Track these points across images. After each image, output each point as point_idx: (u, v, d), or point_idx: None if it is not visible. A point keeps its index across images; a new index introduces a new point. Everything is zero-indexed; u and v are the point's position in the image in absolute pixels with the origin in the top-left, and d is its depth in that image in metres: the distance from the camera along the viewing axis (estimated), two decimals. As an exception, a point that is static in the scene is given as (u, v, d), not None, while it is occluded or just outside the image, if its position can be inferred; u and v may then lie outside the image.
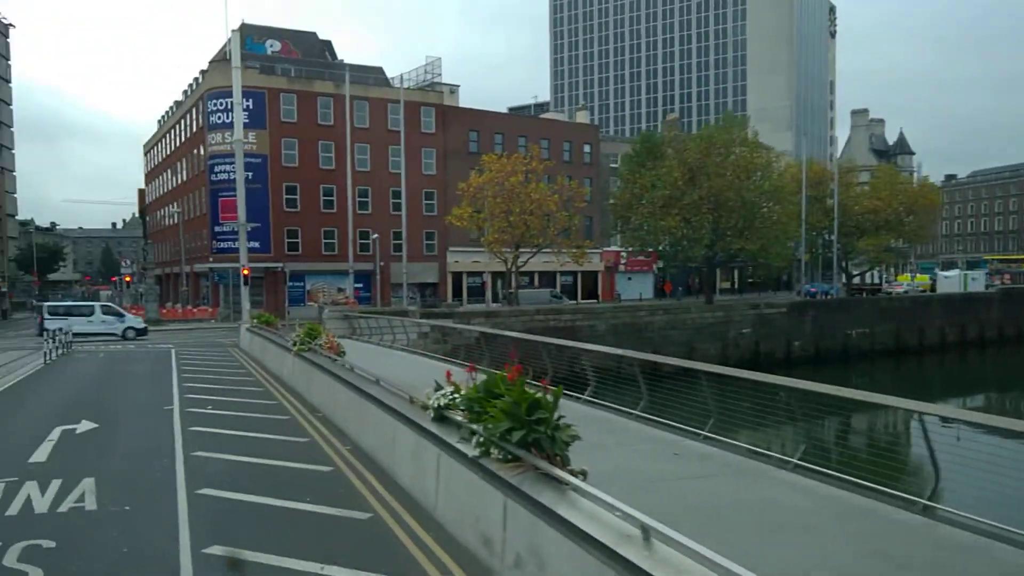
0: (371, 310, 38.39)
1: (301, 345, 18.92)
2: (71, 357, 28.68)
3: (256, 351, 27.73)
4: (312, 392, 16.87)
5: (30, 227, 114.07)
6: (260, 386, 20.07)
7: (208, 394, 18.29)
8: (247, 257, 36.29)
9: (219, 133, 57.58)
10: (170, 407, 16.38)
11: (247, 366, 25.07)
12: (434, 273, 65.63)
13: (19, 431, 14.02)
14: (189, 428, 13.88)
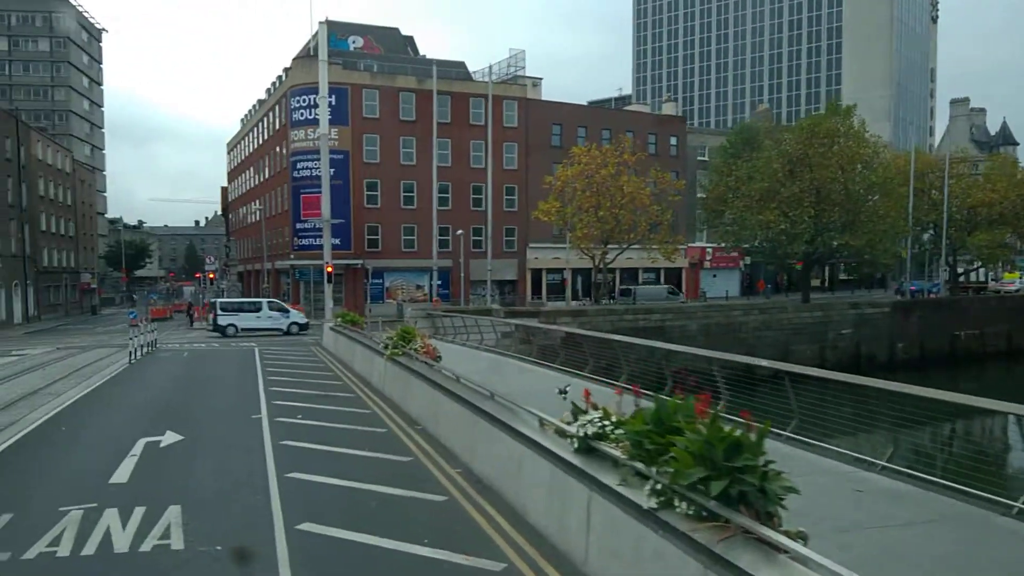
0: (454, 309, 37.08)
1: (394, 349, 17.53)
2: (155, 357, 28.14)
3: (342, 352, 26.64)
4: (409, 402, 15.43)
5: (119, 225, 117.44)
6: (350, 391, 18.80)
7: (296, 400, 17.08)
8: (332, 254, 35.24)
9: (302, 130, 57.29)
10: (258, 415, 15.18)
11: (333, 368, 23.93)
12: (513, 270, 64.20)
13: (102, 442, 12.96)
14: (280, 442, 12.57)
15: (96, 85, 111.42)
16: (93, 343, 36.58)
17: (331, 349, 29.56)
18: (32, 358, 27.22)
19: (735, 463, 5.46)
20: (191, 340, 38.25)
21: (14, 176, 55.23)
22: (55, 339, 40.97)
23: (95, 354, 28.79)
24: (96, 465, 11.15)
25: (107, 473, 10.51)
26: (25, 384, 19.42)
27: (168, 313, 64.11)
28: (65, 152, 72.93)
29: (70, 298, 70.42)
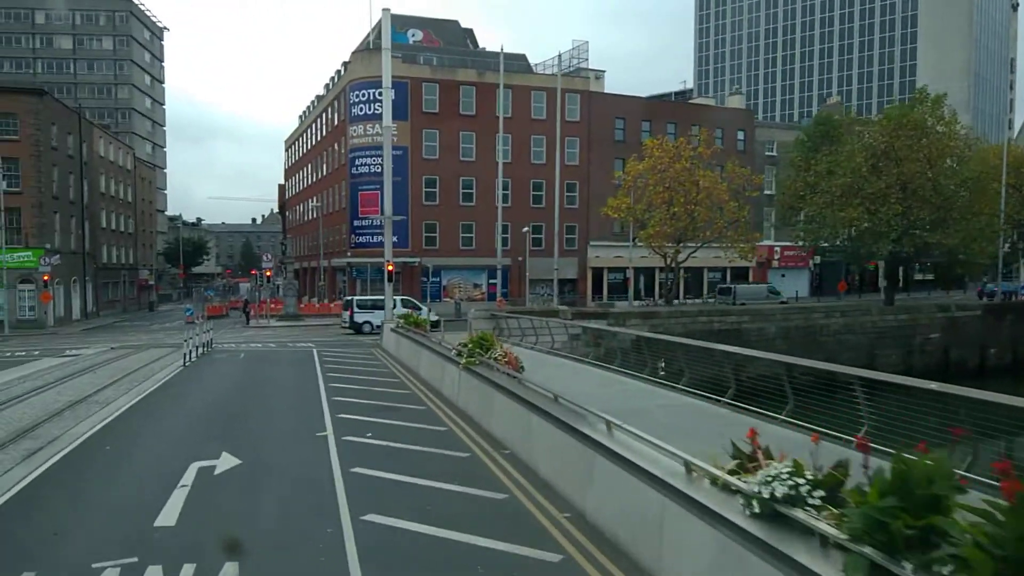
0: (520, 310, 35.27)
1: (470, 358, 15.74)
2: (211, 358, 26.88)
3: (405, 355, 25.00)
4: (491, 420, 13.58)
5: (178, 222, 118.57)
6: (419, 403, 17.07)
7: (363, 413, 15.40)
8: (392, 252, 33.72)
9: (361, 125, 56.12)
10: (323, 433, 13.50)
11: (398, 374, 22.26)
12: (574, 269, 62.19)
13: (149, 467, 11.37)
14: (351, 469, 10.83)
15: (158, 83, 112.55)
16: (148, 342, 35.67)
17: (392, 352, 27.98)
18: (85, 359, 26.19)
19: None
20: (247, 339, 37.13)
21: (76, 173, 55.12)
22: (111, 337, 40.30)
23: (149, 355, 27.66)
24: (141, 499, 9.54)
25: (153, 511, 8.85)
26: (74, 389, 18.13)
27: (224, 310, 63.66)
28: (126, 149, 73.18)
29: (128, 294, 70.60)
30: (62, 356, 26.90)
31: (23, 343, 37.10)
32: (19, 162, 46.23)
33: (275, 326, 47.59)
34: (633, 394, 14.86)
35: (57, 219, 50.40)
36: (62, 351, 30.09)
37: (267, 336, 39.52)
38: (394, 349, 28.00)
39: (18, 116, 46.23)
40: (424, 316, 37.50)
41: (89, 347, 31.72)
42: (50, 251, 47.51)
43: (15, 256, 45.84)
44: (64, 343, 36.54)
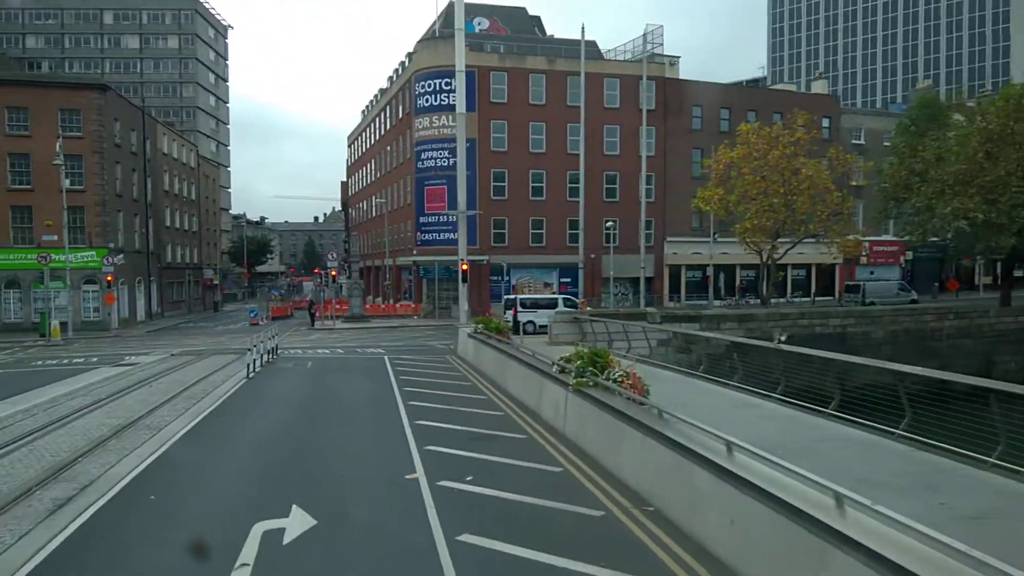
0: (604, 312, 32.53)
1: (580, 378, 13.01)
2: (276, 368, 24.70)
3: (487, 366, 22.41)
4: (624, 464, 10.81)
5: (241, 221, 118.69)
6: (517, 429, 14.44)
7: (454, 444, 12.88)
8: (466, 250, 31.26)
9: (427, 117, 53.89)
10: (412, 475, 10.95)
11: (483, 389, 19.68)
12: (649, 266, 58.94)
13: (200, 529, 8.87)
14: (458, 537, 8.22)
15: (222, 81, 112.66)
16: (211, 347, 33.91)
17: (471, 361, 25.45)
18: (142, 368, 24.30)
19: None
20: (313, 344, 35.10)
21: (139, 170, 54.17)
22: (173, 340, 38.82)
23: (211, 363, 25.66)
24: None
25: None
26: (125, 409, 15.99)
27: (289, 310, 62.27)
28: (190, 147, 72.49)
29: (193, 295, 69.84)
30: (119, 365, 25.10)
31: (85, 347, 35.77)
32: (82, 159, 45.18)
33: (341, 328, 45.69)
34: (786, 425, 12.09)
35: (121, 218, 49.38)
36: (121, 358, 28.39)
37: (334, 340, 37.49)
38: (473, 358, 25.49)
39: (81, 112, 45.16)
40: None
41: (150, 353, 30.03)
42: (113, 250, 46.43)
43: (79, 256, 44.80)
44: (126, 347, 35.08)
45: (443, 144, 53.44)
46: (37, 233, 44.59)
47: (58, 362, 27.87)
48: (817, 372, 13.50)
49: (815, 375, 13.58)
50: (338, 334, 41.84)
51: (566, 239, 56.55)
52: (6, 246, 44.20)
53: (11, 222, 44.52)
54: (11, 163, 44.29)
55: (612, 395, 11.91)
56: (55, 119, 44.23)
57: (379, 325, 47.77)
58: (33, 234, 44.68)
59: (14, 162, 44.34)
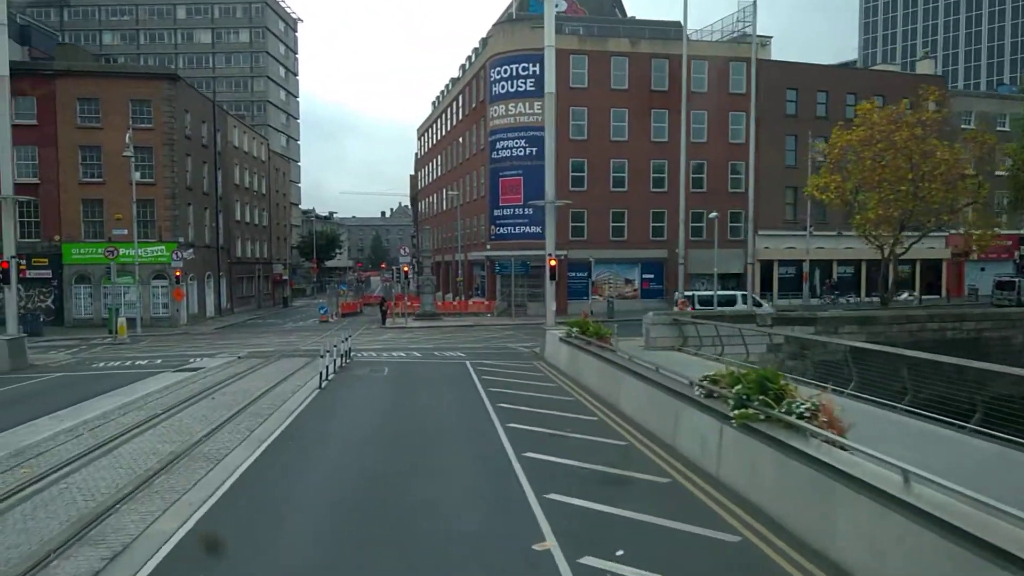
0: (709, 313, 29.24)
1: (745, 409, 10.03)
2: (350, 375, 22.21)
3: (589, 378, 19.51)
4: (844, 537, 7.76)
5: (311, 216, 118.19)
6: (654, 469, 11.56)
7: (582, 491, 10.08)
8: (554, 243, 28.37)
9: (502, 104, 51.20)
10: (543, 545, 8.14)
11: (590, 407, 16.83)
12: (739, 262, 55.18)
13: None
14: None
15: (292, 75, 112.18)
16: (280, 347, 31.88)
17: (564, 369, 22.58)
18: (207, 374, 22.15)
19: None
20: (386, 344, 32.76)
21: (210, 163, 52.88)
22: (242, 339, 37.05)
23: (280, 368, 23.37)
24: None
25: None
26: (181, 430, 13.64)
27: (358, 307, 60.40)
28: (261, 140, 71.41)
29: (262, 290, 68.71)
30: (182, 369, 23.02)
31: (151, 346, 34.20)
32: (152, 151, 43.88)
33: (413, 327, 43.39)
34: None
35: (191, 211, 48.07)
36: (186, 360, 26.43)
37: (407, 341, 35.10)
38: (567, 366, 22.62)
39: (152, 103, 43.87)
40: (766, 311, 32.83)
41: (216, 355, 28.02)
42: (183, 245, 45.06)
43: (148, 251, 43.54)
44: (192, 346, 33.35)
45: (519, 133, 50.74)
46: (108, 227, 43.49)
47: (120, 364, 26.16)
48: (951, 381, 12.04)
49: (949, 384, 12.04)
50: (410, 333, 39.53)
51: (649, 232, 53.32)
52: (77, 240, 43.18)
53: (82, 216, 43.51)
54: (83, 156, 43.25)
55: (800, 436, 8.90)
56: (126, 110, 43.00)
57: (452, 324, 45.35)
58: (104, 228, 43.57)
59: (86, 155, 43.29)
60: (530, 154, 50.54)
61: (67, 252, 43.15)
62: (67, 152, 42.84)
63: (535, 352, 28.62)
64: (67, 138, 42.75)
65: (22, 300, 43.31)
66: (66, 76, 42.94)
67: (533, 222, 50.85)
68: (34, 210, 42.80)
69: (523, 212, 50.93)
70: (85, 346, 33.99)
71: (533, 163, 50.60)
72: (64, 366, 26.07)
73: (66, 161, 42.84)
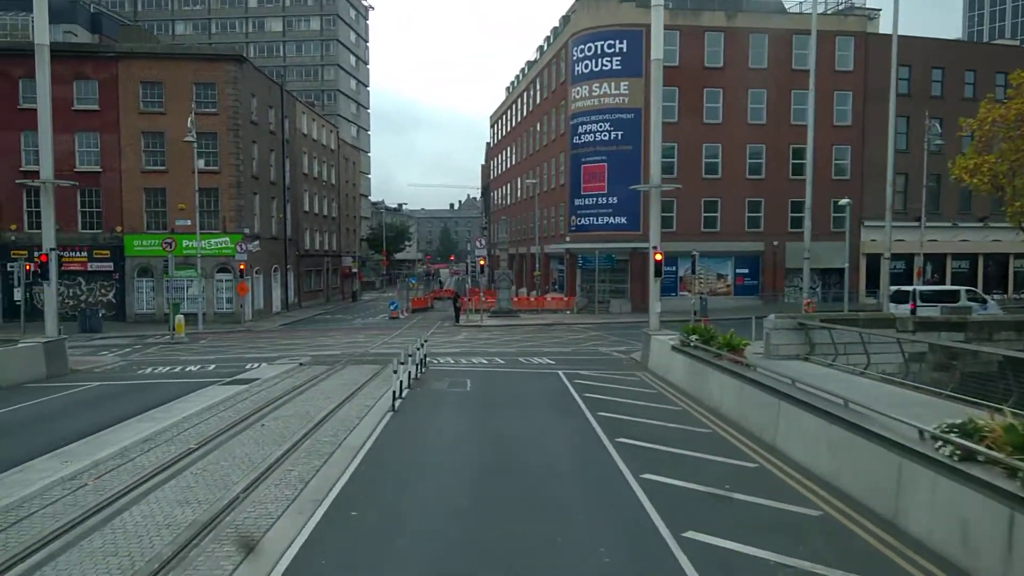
0: (840, 317, 24.95)
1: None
2: (426, 390, 18.80)
3: (726, 403, 15.68)
4: None
5: (380, 207, 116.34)
6: (892, 570, 7.71)
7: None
8: (659, 234, 24.56)
9: (585, 85, 47.34)
10: None
11: (736, 442, 13.08)
12: (842, 255, 50.21)
13: None
14: None
15: (362, 64, 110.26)
16: (347, 348, 28.89)
17: (682, 385, 18.81)
18: (260, 387, 18.97)
19: None
20: (464, 348, 29.40)
21: (277, 151, 50.47)
22: (307, 337, 34.35)
23: (345, 380, 20.14)
24: None
25: None
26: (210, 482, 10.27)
27: (428, 302, 57.47)
28: (331, 128, 69.02)
29: (331, 283, 66.38)
30: (234, 381, 19.79)
31: (208, 346, 31.66)
32: (217, 137, 41.49)
33: (489, 325, 40.06)
34: None
35: (257, 201, 45.63)
36: (242, 367, 23.49)
37: (485, 342, 31.72)
38: (683, 380, 18.83)
39: (216, 86, 41.40)
40: (989, 310, 28.80)
41: (276, 360, 25.01)
42: (248, 236, 42.64)
43: (212, 242, 41.23)
44: (253, 347, 30.66)
45: (603, 115, 46.85)
46: (170, 218, 41.34)
47: (168, 370, 23.35)
48: None
49: None
50: (487, 333, 36.17)
51: (744, 223, 48.89)
52: (139, 231, 41.08)
53: (144, 206, 41.36)
54: (145, 142, 41.07)
55: None
56: (190, 94, 40.68)
57: (530, 322, 41.81)
58: (166, 219, 41.43)
59: (148, 141, 41.11)
60: (615, 138, 46.66)
61: (129, 244, 41.08)
62: (129, 139, 40.72)
63: (634, 360, 24.93)
64: (129, 124, 40.61)
65: (83, 294, 41.58)
66: (129, 58, 40.69)
67: (618, 212, 47.01)
68: (96, 199, 40.90)
69: (607, 201, 47.14)
70: (140, 345, 31.63)
71: (618, 148, 46.75)
72: (108, 372, 23.37)
73: (128, 148, 40.73)
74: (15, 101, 39.41)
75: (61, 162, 40.04)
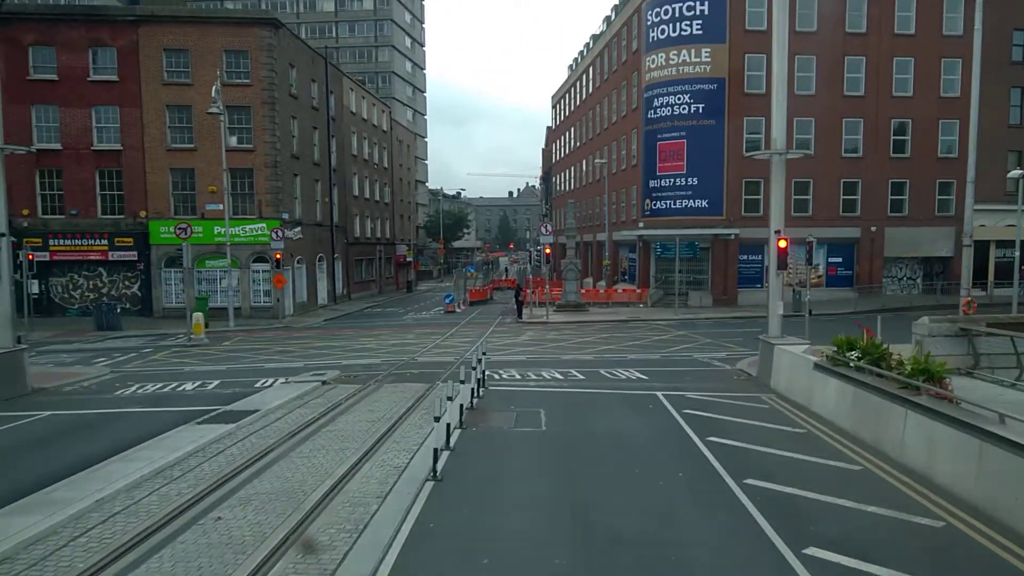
0: (1011, 320, 19.25)
1: None
2: (486, 428, 13.72)
3: (941, 470, 10.48)
4: None
5: (438, 195, 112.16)
6: None
7: None
8: (781, 214, 19.28)
9: (662, 52, 41.84)
10: None
11: (1008, 556, 7.81)
12: (948, 242, 44.13)
13: None
14: None
15: (418, 46, 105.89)
16: (390, 354, 24.24)
17: (838, 421, 13.59)
18: (251, 430, 13.69)
19: None
20: (529, 352, 24.49)
21: (322, 129, 46.18)
22: (350, 336, 29.93)
23: (375, 410, 15.24)
24: None
25: None
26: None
27: (488, 293, 52.72)
28: (383, 107, 64.60)
29: (385, 273, 62.07)
30: (219, 418, 14.35)
31: (232, 347, 27.43)
32: (250, 111, 37.25)
33: (557, 322, 35.07)
34: None
35: (298, 183, 41.37)
36: (251, 383, 18.91)
37: (554, 344, 26.74)
38: (838, 414, 13.58)
39: (249, 53, 37.10)
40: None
41: (295, 374, 20.03)
42: (287, 222, 38.43)
43: (246, 229, 37.15)
44: (282, 349, 26.29)
45: (682, 86, 41.36)
46: (200, 201, 37.33)
47: (155, 390, 18.53)
48: None
49: None
50: (556, 332, 31.20)
51: (838, 207, 42.99)
52: (166, 216, 37.09)
53: (171, 188, 37.34)
54: (171, 117, 36.99)
55: None
56: (219, 63, 36.52)
57: (602, 318, 36.68)
58: (196, 203, 37.45)
59: (174, 116, 37.02)
60: (696, 111, 41.14)
61: (154, 231, 37.08)
62: (153, 114, 36.66)
63: (746, 374, 19.76)
64: (153, 97, 36.56)
65: (104, 287, 37.90)
66: (150, 23, 36.42)
67: (698, 194, 41.58)
68: (116, 181, 37.05)
69: (685, 182, 41.71)
70: (151, 348, 27.42)
71: (700, 123, 41.23)
72: (79, 392, 18.48)
73: (152, 124, 36.67)
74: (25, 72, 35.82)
75: (77, 139, 36.40)
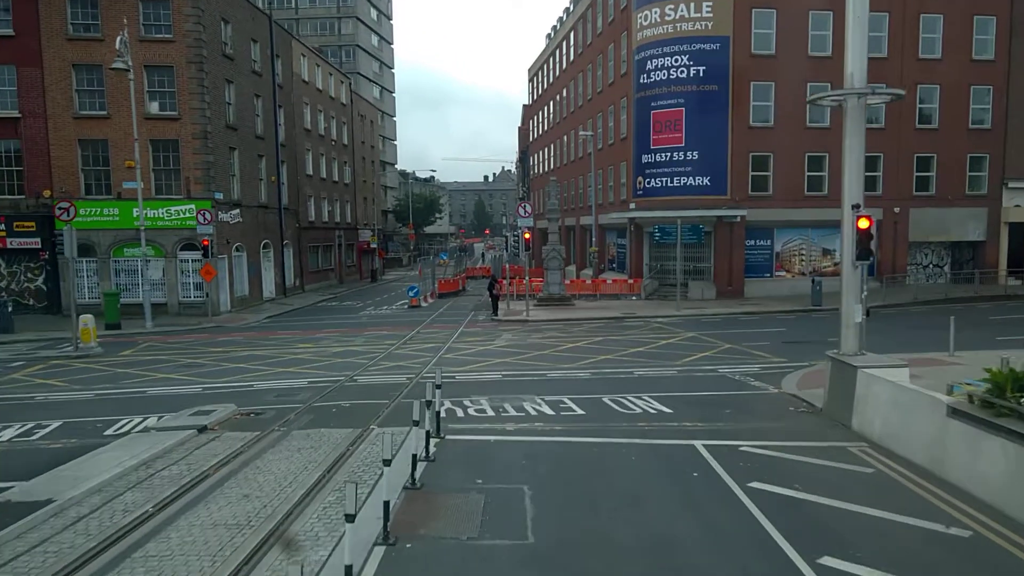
0: None
1: None
2: (428, 543, 8.40)
3: None
4: None
5: (409, 178, 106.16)
6: None
7: None
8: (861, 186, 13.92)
9: (656, 7, 36.44)
10: None
11: None
12: (980, 225, 39.42)
13: None
14: None
15: (385, 19, 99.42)
16: (322, 374, 18.66)
17: (1005, 507, 8.26)
18: (20, 546, 8.41)
19: None
20: (506, 364, 19.06)
21: (266, 97, 40.25)
22: (286, 341, 24.22)
23: (257, 493, 9.64)
24: None
25: None
26: None
27: (460, 284, 47.14)
28: (341, 77, 58.54)
29: (345, 261, 56.22)
30: (27, 509, 8.88)
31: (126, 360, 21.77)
32: (173, 72, 31.31)
33: (539, 320, 29.58)
34: None
35: (235, 158, 35.48)
36: (94, 435, 13.04)
37: (539, 354, 21.27)
38: (1007, 496, 8.27)
39: (171, 3, 31.11)
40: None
41: (174, 418, 14.07)
42: (221, 203, 32.66)
43: (171, 211, 31.35)
44: (194, 363, 20.64)
45: (680, 45, 35.99)
46: (116, 179, 31.42)
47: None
48: None
49: None
50: (538, 334, 25.78)
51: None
52: (75, 196, 30.96)
53: (80, 163, 31.35)
54: (78, 79, 30.96)
55: None
56: (135, 15, 30.56)
57: (592, 314, 31.29)
58: (111, 180, 31.52)
59: (82, 77, 31.00)
60: (696, 75, 35.82)
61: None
62: (57, 75, 30.59)
63: (808, 404, 14.42)
64: (56, 55, 30.48)
65: (3, 279, 31.91)
66: (51, -35, 30.54)
67: (699, 171, 36.32)
68: (15, 155, 31.02)
69: (684, 157, 36.42)
70: (22, 361, 21.63)
71: (700, 88, 35.90)
72: None
73: (56, 87, 30.62)
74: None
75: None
